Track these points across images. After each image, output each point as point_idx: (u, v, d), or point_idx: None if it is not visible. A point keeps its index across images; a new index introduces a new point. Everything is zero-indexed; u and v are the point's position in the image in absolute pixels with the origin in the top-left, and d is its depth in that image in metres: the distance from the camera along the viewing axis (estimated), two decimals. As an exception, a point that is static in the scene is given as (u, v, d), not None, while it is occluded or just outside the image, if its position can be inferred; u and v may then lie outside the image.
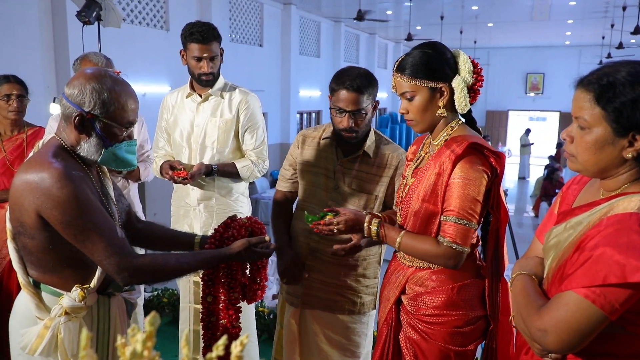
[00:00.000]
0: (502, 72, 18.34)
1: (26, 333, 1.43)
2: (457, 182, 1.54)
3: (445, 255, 1.56)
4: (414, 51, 1.62)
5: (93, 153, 1.46)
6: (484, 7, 10.85)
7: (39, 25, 5.21)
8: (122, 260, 1.39)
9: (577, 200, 1.30)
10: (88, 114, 1.41)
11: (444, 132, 1.64)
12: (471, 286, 1.66)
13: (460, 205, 1.53)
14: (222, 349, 0.46)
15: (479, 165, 1.54)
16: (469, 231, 1.55)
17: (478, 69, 1.64)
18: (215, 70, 2.44)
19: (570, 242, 1.17)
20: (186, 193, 2.59)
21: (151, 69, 6.68)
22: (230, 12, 8.61)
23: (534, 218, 10.40)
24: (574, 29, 13.56)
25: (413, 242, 1.62)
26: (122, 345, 0.48)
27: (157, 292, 3.90)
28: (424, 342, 1.67)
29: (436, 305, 1.65)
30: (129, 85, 1.49)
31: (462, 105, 1.60)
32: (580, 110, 1.14)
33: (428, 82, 1.58)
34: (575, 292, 1.05)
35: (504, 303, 1.69)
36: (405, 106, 1.64)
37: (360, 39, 14.65)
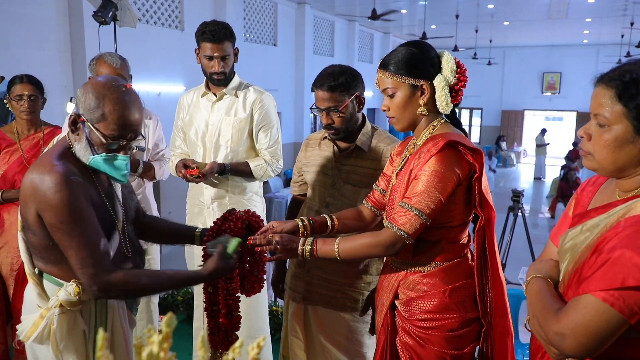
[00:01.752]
0: (518, 71, 18.15)
1: (26, 319, 1.51)
2: (426, 173, 1.52)
3: (388, 241, 1.55)
4: (399, 48, 1.63)
5: (82, 156, 1.50)
6: (499, 6, 10.75)
7: (56, 26, 5.28)
8: (96, 273, 1.43)
9: (592, 202, 1.28)
10: (80, 117, 1.48)
11: (426, 131, 1.64)
12: (463, 288, 1.63)
13: (419, 194, 1.52)
14: (239, 351, 0.46)
15: (451, 164, 1.52)
16: (418, 221, 1.52)
17: (462, 69, 1.63)
18: (227, 69, 2.45)
19: (587, 245, 1.15)
20: (200, 191, 2.61)
21: (166, 69, 6.74)
22: (244, 11, 8.65)
23: (550, 219, 10.29)
24: (592, 27, 13.37)
25: (350, 242, 1.62)
26: (138, 346, 0.48)
27: (172, 290, 3.92)
28: (419, 347, 1.64)
29: (429, 309, 1.62)
30: (129, 103, 1.48)
31: (443, 104, 1.59)
32: (599, 107, 1.12)
33: (409, 78, 1.58)
34: (593, 295, 1.04)
35: (498, 304, 1.66)
36: (386, 103, 1.64)
37: (375, 38, 14.61)
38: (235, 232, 1.70)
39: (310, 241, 1.65)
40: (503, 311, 1.67)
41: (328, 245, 1.63)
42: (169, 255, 3.04)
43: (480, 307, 1.65)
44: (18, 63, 4.74)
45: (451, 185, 1.53)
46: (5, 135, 2.76)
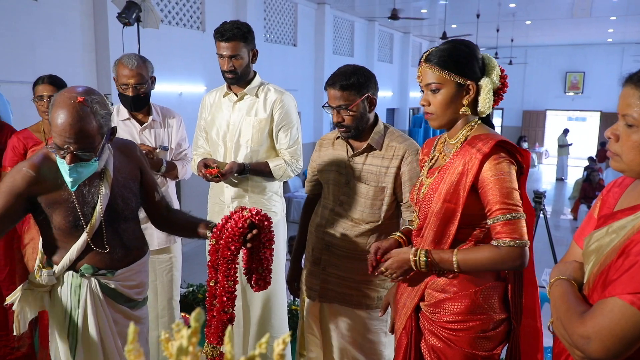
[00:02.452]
0: (540, 71, 17.90)
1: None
2: (491, 180, 1.50)
3: (509, 257, 1.49)
4: (446, 44, 1.59)
5: None
6: (521, 5, 10.61)
7: (80, 27, 5.38)
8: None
9: (619, 204, 1.26)
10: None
11: (463, 131, 1.61)
12: (494, 289, 1.62)
13: (502, 201, 1.48)
14: (264, 346, 0.47)
15: (506, 159, 1.51)
16: (520, 222, 1.49)
17: (504, 74, 1.63)
18: (238, 69, 2.47)
19: (614, 247, 1.13)
20: (221, 190, 2.64)
21: (187, 69, 6.81)
22: (265, 12, 8.70)
23: (572, 221, 10.13)
24: (617, 25, 13.11)
25: (470, 255, 1.55)
26: (165, 340, 0.49)
27: (193, 288, 3.97)
28: (448, 349, 1.63)
29: (459, 310, 1.60)
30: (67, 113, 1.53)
31: (485, 106, 1.57)
32: (628, 108, 1.11)
33: (457, 76, 1.55)
34: (620, 298, 1.02)
35: (528, 306, 1.64)
36: (428, 98, 1.60)
37: (394, 38, 14.55)
38: (235, 231, 1.72)
39: (424, 252, 1.60)
40: (533, 313, 1.65)
41: (446, 256, 1.58)
42: (189, 253, 3.08)
43: (511, 308, 1.64)
44: (44, 63, 4.85)
45: (514, 173, 1.52)
46: (32, 134, 2.82)
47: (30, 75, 3.26)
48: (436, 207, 1.59)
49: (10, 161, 2.76)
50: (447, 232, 1.59)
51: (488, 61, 1.61)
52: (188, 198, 6.81)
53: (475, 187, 1.54)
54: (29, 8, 4.85)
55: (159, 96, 4.33)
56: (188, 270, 3.53)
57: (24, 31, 4.81)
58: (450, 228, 1.58)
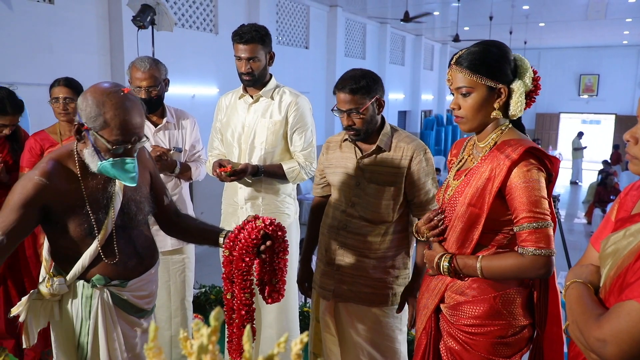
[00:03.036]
0: (554, 73, 17.75)
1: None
2: (520, 187, 1.48)
3: (533, 266, 1.47)
4: (477, 46, 1.56)
5: (90, 162, 1.58)
6: (535, 7, 10.54)
7: (96, 30, 5.45)
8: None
9: (636, 207, 1.24)
10: (83, 125, 1.54)
11: (493, 134, 1.59)
12: (514, 295, 1.60)
13: (529, 209, 1.46)
14: (283, 346, 0.47)
15: (535, 166, 1.49)
16: (547, 231, 1.47)
17: (537, 76, 1.59)
18: (255, 71, 2.49)
19: (631, 250, 1.12)
20: (234, 192, 2.65)
21: (200, 71, 6.86)
22: (277, 14, 8.73)
23: (587, 225, 10.01)
24: (633, 27, 12.96)
25: (494, 263, 1.53)
26: (184, 339, 0.50)
27: (205, 289, 3.99)
28: (465, 352, 1.62)
29: (478, 314, 1.59)
30: (128, 108, 1.53)
31: (517, 110, 1.55)
32: None
33: (488, 80, 1.52)
34: (637, 301, 1.01)
35: (553, 313, 1.62)
36: (458, 102, 1.58)
37: (407, 40, 14.52)
38: (249, 242, 1.69)
39: (449, 258, 1.60)
40: (557, 319, 1.63)
41: (470, 262, 1.57)
42: (201, 254, 3.10)
43: (536, 315, 1.62)
44: (60, 66, 4.91)
45: (544, 181, 1.50)
46: (49, 136, 2.86)
47: (47, 77, 3.30)
48: (460, 211, 1.58)
49: (27, 162, 2.80)
50: (470, 237, 1.58)
51: (520, 63, 1.58)
52: (201, 199, 6.84)
53: (502, 192, 1.52)
54: (46, 11, 4.93)
55: (172, 98, 4.36)
56: (200, 271, 3.54)
57: (41, 34, 4.88)
58: (474, 232, 1.57)
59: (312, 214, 2.44)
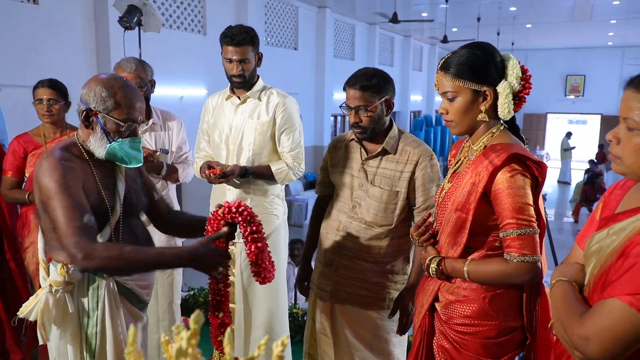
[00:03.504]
0: (541, 74, 17.89)
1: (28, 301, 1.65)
2: (504, 193, 1.48)
3: (517, 272, 1.49)
4: (461, 50, 1.57)
5: (98, 147, 1.62)
6: (522, 8, 10.64)
7: (82, 31, 5.40)
8: (79, 241, 1.48)
9: (620, 206, 1.26)
10: (92, 110, 1.60)
11: (484, 137, 1.60)
12: (504, 296, 1.60)
13: (513, 215, 1.47)
14: (264, 348, 0.47)
15: (520, 172, 1.49)
16: (533, 238, 1.48)
17: (527, 75, 1.58)
18: (246, 73, 2.48)
19: (614, 249, 1.13)
20: (223, 193, 2.64)
21: (188, 72, 6.83)
22: (266, 15, 8.72)
23: (574, 224, 10.12)
24: (617, 29, 13.13)
25: (480, 267, 1.55)
26: (165, 343, 0.49)
27: (194, 292, 3.97)
28: (455, 351, 1.63)
29: (468, 314, 1.60)
30: (133, 88, 1.67)
31: (504, 111, 1.54)
32: (629, 111, 1.11)
33: (472, 83, 1.53)
34: (619, 299, 1.02)
35: (543, 316, 1.62)
36: (445, 106, 1.60)
37: (395, 42, 14.58)
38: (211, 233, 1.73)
39: (437, 261, 1.62)
40: (547, 324, 1.61)
41: (457, 266, 1.59)
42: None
43: (525, 318, 1.62)
44: (46, 67, 4.86)
45: (529, 187, 1.50)
46: (33, 138, 2.83)
47: (32, 78, 3.26)
48: (448, 215, 1.60)
49: (10, 165, 2.77)
50: (457, 240, 1.59)
51: (508, 64, 1.57)
52: (189, 202, 6.81)
53: (487, 197, 1.53)
54: (31, 12, 4.87)
55: (160, 100, 4.34)
56: (189, 273, 3.52)
57: (26, 35, 4.83)
58: (461, 236, 1.58)
59: (314, 212, 2.43)
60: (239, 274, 2.62)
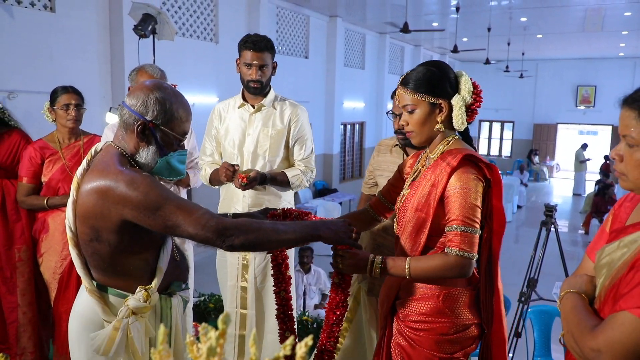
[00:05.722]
0: (551, 84, 17.84)
1: (96, 336, 1.49)
2: (457, 191, 1.60)
3: (456, 265, 1.60)
4: (419, 67, 1.72)
5: (150, 160, 1.54)
6: (533, 19, 10.63)
7: (97, 38, 5.49)
8: (218, 222, 1.42)
9: (630, 218, 1.27)
10: (150, 123, 1.50)
11: (441, 146, 1.72)
12: (458, 294, 1.69)
13: (462, 213, 1.58)
14: (289, 349, 0.49)
15: (474, 174, 1.61)
16: (473, 237, 1.60)
17: (477, 90, 1.72)
18: (263, 79, 2.53)
19: (624, 261, 1.14)
20: (237, 199, 2.67)
21: (201, 80, 6.90)
22: (277, 24, 8.80)
23: (584, 235, 10.03)
24: (629, 40, 13.07)
25: (421, 263, 1.65)
26: (191, 344, 0.51)
27: (204, 298, 3.99)
28: (410, 348, 1.71)
29: (423, 311, 1.69)
30: (185, 100, 1.59)
31: (459, 122, 1.68)
32: (626, 129, 1.14)
33: (428, 97, 1.66)
34: (630, 312, 1.03)
35: (497, 312, 1.74)
36: (405, 118, 1.73)
37: (405, 51, 14.62)
38: None
39: (380, 259, 1.68)
40: (499, 319, 1.75)
41: (399, 263, 1.67)
42: (199, 262, 3.11)
43: (483, 314, 1.72)
44: (60, 74, 4.94)
45: (481, 190, 1.62)
46: (48, 144, 2.88)
47: (47, 85, 3.33)
48: (409, 216, 1.71)
49: (27, 171, 2.82)
50: (418, 240, 1.70)
51: (461, 79, 1.71)
52: (199, 208, 6.85)
53: (442, 197, 1.64)
54: (47, 19, 4.96)
55: (172, 107, 4.37)
56: (199, 279, 3.55)
57: (42, 42, 4.91)
58: (421, 236, 1.69)
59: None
60: (252, 280, 2.64)
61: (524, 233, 10.27)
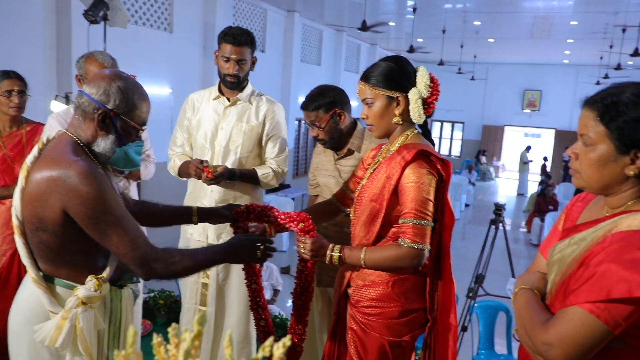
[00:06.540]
0: (500, 87, 18.46)
1: (41, 327, 1.44)
2: (410, 185, 1.66)
3: (408, 256, 1.66)
4: (379, 62, 1.77)
5: (108, 150, 1.51)
6: (485, 23, 10.94)
7: (42, 23, 5.22)
8: (147, 252, 1.44)
9: (581, 217, 1.32)
10: (111, 112, 1.48)
11: (400, 139, 1.78)
12: (406, 281, 1.77)
13: (415, 207, 1.65)
14: (268, 350, 0.48)
15: (427, 169, 1.67)
16: (426, 229, 1.66)
17: (435, 84, 1.76)
18: (241, 74, 2.50)
19: (574, 258, 1.19)
20: (204, 194, 2.61)
21: (154, 71, 6.69)
22: (234, 16, 8.66)
23: (527, 233, 10.45)
24: (574, 48, 13.69)
25: (376, 253, 1.72)
26: (158, 344, 0.49)
27: (154, 294, 3.89)
28: (362, 332, 1.79)
29: (374, 297, 1.77)
30: (143, 89, 1.58)
31: (416, 115, 1.74)
32: (585, 128, 1.18)
33: (386, 90, 1.73)
34: (580, 307, 1.07)
35: (445, 302, 1.81)
36: (365, 112, 1.79)
37: (362, 49, 14.74)
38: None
39: (338, 249, 1.76)
40: (448, 309, 1.82)
41: (355, 253, 1.75)
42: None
43: (428, 302, 1.79)
44: (2, 59, 4.67)
45: (434, 184, 1.68)
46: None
47: (-12, 69, 3.13)
48: (364, 206, 1.77)
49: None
50: (371, 229, 1.76)
51: (418, 73, 1.75)
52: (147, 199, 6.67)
53: (396, 189, 1.70)
54: (-11, 0, 4.69)
55: (124, 97, 4.21)
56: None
57: (-18, 24, 4.63)
58: (375, 226, 1.75)
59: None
60: (214, 276, 2.60)
61: (471, 231, 10.58)
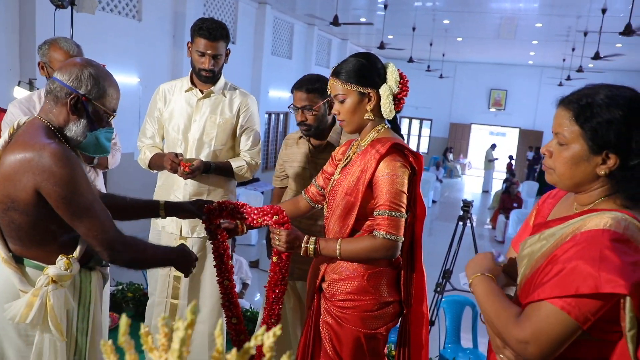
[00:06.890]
0: (468, 86, 18.79)
1: (11, 306, 1.48)
2: (385, 178, 1.69)
3: (383, 247, 1.70)
4: (350, 58, 1.79)
5: (80, 134, 1.56)
6: (454, 22, 11.11)
7: (4, 6, 5.03)
8: (115, 237, 1.50)
9: (551, 214, 1.37)
10: (83, 97, 1.53)
11: (371, 134, 1.80)
12: (381, 274, 1.80)
13: (389, 199, 1.68)
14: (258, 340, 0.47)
15: (401, 162, 1.71)
16: (400, 221, 1.70)
17: (404, 80, 1.80)
18: (216, 68, 2.46)
19: (543, 253, 1.23)
20: (177, 187, 2.57)
21: (121, 59, 6.53)
22: (204, 6, 8.52)
23: (492, 230, 10.69)
24: (538, 49, 14.05)
25: (351, 245, 1.74)
26: (145, 334, 0.48)
27: (122, 287, 3.81)
28: (338, 325, 1.81)
29: (349, 290, 1.79)
30: (113, 77, 1.64)
31: (387, 111, 1.76)
32: (560, 127, 1.22)
33: (358, 87, 1.74)
34: (551, 303, 1.10)
35: (418, 293, 1.87)
36: (337, 108, 1.80)
37: (332, 44, 14.74)
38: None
39: (314, 240, 1.78)
40: (421, 299, 1.87)
41: (330, 245, 1.77)
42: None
43: (403, 293, 1.83)
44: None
45: (407, 177, 1.71)
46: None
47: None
48: (339, 200, 1.79)
49: None
50: (346, 223, 1.78)
51: (388, 70, 1.79)
52: (114, 191, 6.52)
53: (371, 182, 1.72)
54: (-53, -20, 4.47)
55: (91, 85, 4.10)
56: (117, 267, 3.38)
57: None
58: (350, 219, 1.77)
59: (274, 202, 2.67)
60: None
61: (437, 227, 10.76)
